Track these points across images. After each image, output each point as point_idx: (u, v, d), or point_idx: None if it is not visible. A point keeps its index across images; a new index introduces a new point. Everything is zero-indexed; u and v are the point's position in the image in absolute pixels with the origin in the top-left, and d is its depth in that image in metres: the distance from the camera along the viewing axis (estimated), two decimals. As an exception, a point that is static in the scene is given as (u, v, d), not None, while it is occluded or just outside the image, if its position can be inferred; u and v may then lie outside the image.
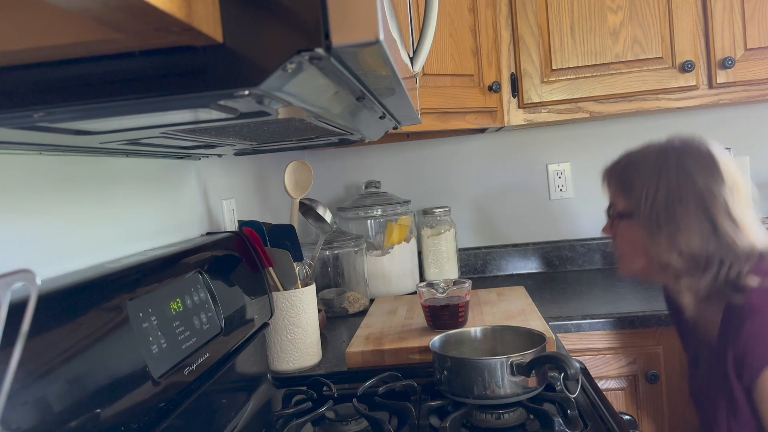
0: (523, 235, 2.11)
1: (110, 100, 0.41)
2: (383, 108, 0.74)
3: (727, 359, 1.01)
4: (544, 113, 1.76)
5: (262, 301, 1.14)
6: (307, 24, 0.39)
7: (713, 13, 1.67)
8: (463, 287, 1.37)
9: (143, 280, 0.80)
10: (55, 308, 0.62)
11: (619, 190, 1.14)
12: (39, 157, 0.78)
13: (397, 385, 1.08)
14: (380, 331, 1.39)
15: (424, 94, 1.56)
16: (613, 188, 1.16)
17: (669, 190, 1.06)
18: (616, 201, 1.15)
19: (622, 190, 1.13)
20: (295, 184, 1.35)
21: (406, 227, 1.89)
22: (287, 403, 1.09)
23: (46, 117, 0.43)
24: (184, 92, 0.41)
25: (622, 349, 1.47)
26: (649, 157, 1.11)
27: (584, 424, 0.92)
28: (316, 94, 0.53)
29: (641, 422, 1.48)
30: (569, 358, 0.93)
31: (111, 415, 0.64)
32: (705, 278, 1.04)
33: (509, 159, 2.11)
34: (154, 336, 0.76)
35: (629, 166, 1.13)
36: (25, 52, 0.36)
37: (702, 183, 1.04)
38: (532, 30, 1.74)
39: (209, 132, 0.68)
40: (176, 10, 0.33)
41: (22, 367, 0.54)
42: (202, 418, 0.89)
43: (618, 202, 1.14)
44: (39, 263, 0.76)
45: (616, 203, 1.15)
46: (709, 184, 1.04)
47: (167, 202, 1.12)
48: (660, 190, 1.06)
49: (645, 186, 1.08)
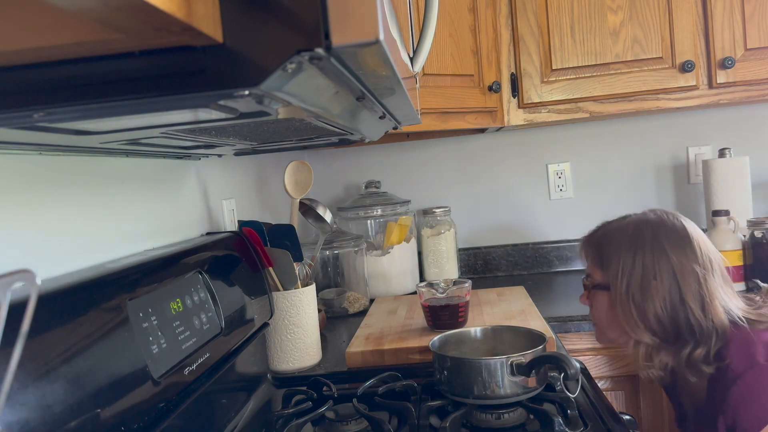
0: (523, 235, 2.11)
1: (110, 100, 0.41)
2: (383, 108, 0.74)
3: (718, 426, 1.02)
4: (544, 113, 1.76)
5: (262, 301, 1.14)
6: (307, 24, 0.39)
7: (713, 13, 1.67)
8: (463, 287, 1.37)
9: (143, 280, 0.80)
10: (55, 308, 0.62)
11: (596, 263, 1.16)
12: (39, 157, 0.78)
13: (397, 385, 1.08)
14: (380, 331, 1.39)
15: (424, 94, 1.56)
16: (590, 260, 1.18)
17: (644, 266, 1.08)
18: (593, 272, 1.17)
19: (599, 264, 1.15)
20: (295, 184, 1.35)
21: (406, 227, 1.89)
22: (287, 403, 1.08)
23: (46, 117, 0.43)
24: (184, 92, 0.41)
25: (621, 349, 1.47)
26: (625, 231, 1.13)
27: (584, 424, 0.92)
28: (316, 94, 0.53)
29: (641, 422, 1.48)
30: (569, 358, 0.93)
31: (111, 415, 0.64)
32: (676, 354, 1.06)
33: (509, 159, 2.11)
34: (154, 336, 0.76)
35: (606, 241, 1.15)
36: (25, 52, 0.36)
37: (675, 260, 1.07)
38: (532, 30, 1.74)
39: (209, 132, 0.68)
40: (176, 10, 0.33)
41: (22, 367, 0.54)
42: (202, 418, 0.89)
43: (595, 273, 1.16)
44: (39, 263, 0.76)
45: (593, 274, 1.17)
46: (682, 262, 1.07)
47: (167, 202, 1.12)
48: (636, 266, 1.08)
49: (621, 262, 1.10)
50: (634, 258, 1.09)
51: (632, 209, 1.99)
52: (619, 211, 2.05)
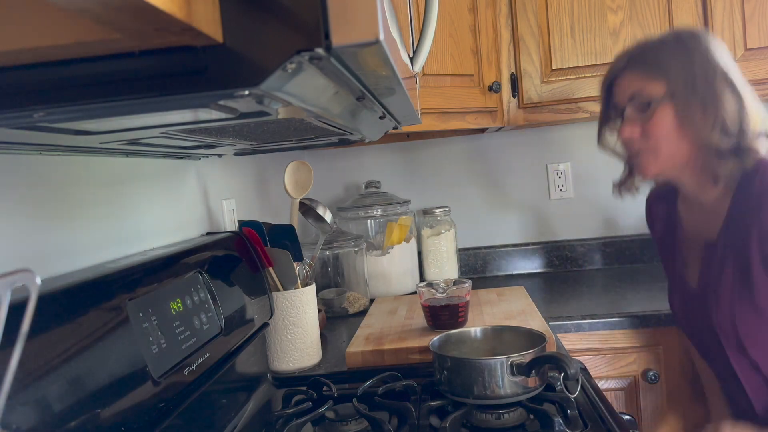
0: (523, 235, 2.11)
1: (110, 100, 0.41)
2: (383, 108, 0.74)
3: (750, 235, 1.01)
4: (544, 113, 1.76)
5: (262, 301, 1.14)
6: (307, 24, 0.39)
7: (713, 13, 1.67)
8: (463, 287, 1.37)
9: (143, 280, 0.80)
10: (55, 308, 0.62)
11: (649, 75, 1.07)
12: (39, 157, 0.78)
13: (397, 385, 1.08)
14: (380, 331, 1.39)
15: (424, 94, 1.56)
16: (640, 76, 1.08)
17: (702, 67, 1.04)
18: (646, 88, 1.07)
19: (655, 74, 1.07)
20: (295, 184, 1.35)
21: (406, 227, 1.89)
22: (287, 403, 1.08)
23: (46, 117, 0.43)
24: (184, 92, 0.41)
25: (621, 349, 1.47)
26: (669, 40, 1.08)
27: (584, 424, 0.92)
28: (316, 94, 0.53)
29: (641, 422, 1.48)
30: (569, 358, 0.93)
31: (111, 415, 0.64)
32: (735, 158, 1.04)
33: (509, 159, 2.11)
34: (154, 336, 0.76)
35: (651, 52, 1.08)
36: (25, 52, 0.36)
37: (721, 61, 1.05)
38: (532, 30, 1.74)
39: (209, 132, 0.68)
40: (176, 10, 0.33)
41: (22, 367, 0.54)
42: (202, 418, 0.89)
43: (650, 88, 1.07)
44: (39, 263, 0.76)
45: (643, 91, 1.08)
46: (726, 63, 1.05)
47: (167, 202, 1.12)
48: (695, 67, 1.04)
49: (681, 64, 1.05)
50: (692, 57, 1.04)
51: (632, 209, 2.00)
52: (619, 210, 2.06)
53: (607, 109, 1.17)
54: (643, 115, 1.08)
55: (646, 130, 1.08)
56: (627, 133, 1.10)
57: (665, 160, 1.09)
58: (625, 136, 1.11)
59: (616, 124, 1.14)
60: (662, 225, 1.29)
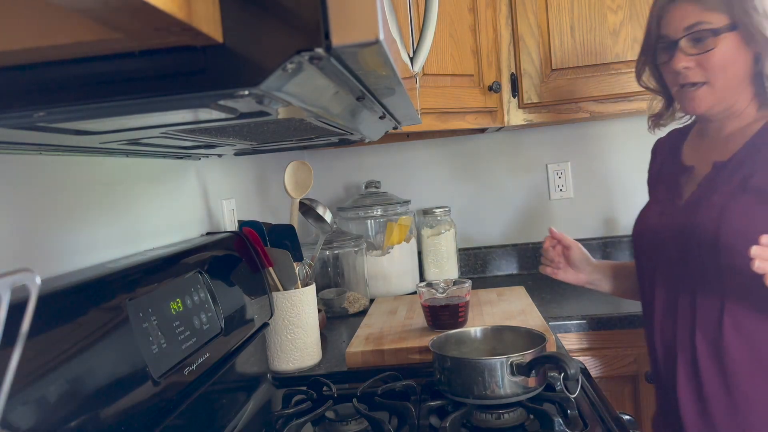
0: (523, 235, 2.11)
1: (110, 100, 0.41)
2: (383, 108, 0.74)
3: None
4: (544, 113, 1.76)
5: (262, 301, 1.14)
6: (307, 24, 0.39)
7: (713, 13, 1.66)
8: (463, 287, 1.37)
9: (143, 280, 0.80)
10: (55, 308, 0.63)
11: (708, 6, 1.05)
12: (39, 157, 0.78)
13: (397, 385, 1.08)
14: (380, 331, 1.39)
15: (424, 94, 1.56)
16: (698, 7, 1.06)
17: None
18: (702, 19, 1.05)
19: (715, 4, 1.04)
20: (295, 184, 1.35)
21: (406, 227, 1.89)
22: (287, 403, 1.08)
23: (46, 117, 0.43)
24: (184, 92, 0.41)
25: (621, 349, 1.47)
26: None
27: (584, 424, 0.92)
28: (316, 94, 0.53)
29: (641, 422, 1.48)
30: (569, 358, 0.93)
31: (111, 415, 0.64)
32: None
33: (509, 159, 2.11)
34: (154, 336, 0.76)
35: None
36: (25, 52, 0.36)
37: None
38: (532, 30, 1.74)
39: (209, 132, 0.68)
40: (176, 10, 0.33)
41: (22, 367, 0.54)
42: (202, 418, 0.89)
43: (709, 18, 1.05)
44: (39, 263, 0.76)
45: (703, 22, 1.05)
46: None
47: (167, 202, 1.12)
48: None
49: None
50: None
51: (632, 208, 1.99)
52: (619, 210, 2.06)
53: (654, 42, 1.14)
54: (700, 45, 1.06)
55: (703, 61, 1.06)
56: (683, 64, 1.07)
57: (720, 93, 1.07)
58: (679, 66, 1.08)
59: (664, 56, 1.12)
60: (663, 158, 1.27)
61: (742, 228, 1.00)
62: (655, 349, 1.17)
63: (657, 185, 1.26)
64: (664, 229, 1.15)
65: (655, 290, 1.17)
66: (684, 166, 1.18)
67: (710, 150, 1.14)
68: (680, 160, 1.20)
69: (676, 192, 1.17)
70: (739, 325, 1.03)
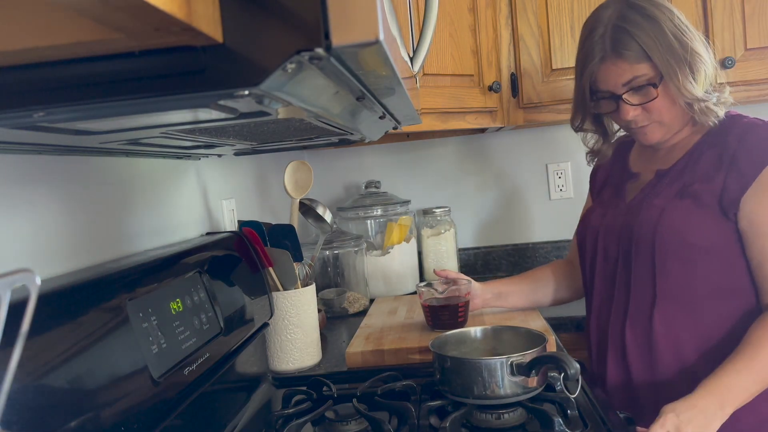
0: (523, 235, 2.11)
1: (110, 100, 0.41)
2: (383, 108, 0.74)
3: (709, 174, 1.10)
4: (544, 113, 1.76)
5: (261, 301, 1.14)
6: (307, 24, 0.39)
7: (713, 13, 1.67)
8: (463, 287, 1.37)
9: (143, 280, 0.80)
10: (55, 308, 0.62)
11: (635, 61, 1.09)
12: (39, 157, 0.78)
13: (397, 385, 1.08)
14: (380, 331, 1.39)
15: (424, 94, 1.56)
16: (626, 63, 1.10)
17: (673, 32, 1.09)
18: (636, 74, 1.10)
19: (640, 58, 1.09)
20: (295, 184, 1.35)
21: (406, 227, 1.89)
22: (287, 403, 1.08)
23: (46, 117, 0.43)
24: (184, 92, 0.41)
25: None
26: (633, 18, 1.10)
27: (584, 424, 0.92)
28: (316, 94, 0.53)
29: (641, 422, 1.48)
30: (569, 358, 0.93)
31: (111, 415, 0.64)
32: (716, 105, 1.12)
33: (509, 159, 2.11)
34: (154, 336, 0.76)
35: (627, 36, 1.09)
36: (25, 52, 0.36)
37: (680, 17, 1.11)
38: (532, 30, 1.74)
39: (209, 132, 0.68)
40: (176, 10, 0.33)
41: (22, 367, 0.54)
42: (202, 418, 0.89)
43: (640, 71, 1.10)
44: (39, 263, 0.76)
45: (637, 76, 1.10)
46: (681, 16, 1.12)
47: (167, 202, 1.12)
48: (668, 36, 1.08)
49: (658, 40, 1.08)
50: (662, 28, 1.08)
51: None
52: (619, 211, 2.05)
53: (590, 96, 1.20)
54: (641, 94, 1.12)
55: (649, 107, 1.13)
56: (631, 114, 1.14)
57: (668, 125, 1.15)
58: (629, 117, 1.14)
59: (608, 107, 1.18)
60: (612, 165, 1.34)
61: (678, 229, 1.10)
62: (590, 339, 1.26)
63: (603, 189, 1.34)
64: (606, 228, 1.23)
65: (594, 284, 1.25)
66: (630, 173, 1.26)
67: (654, 159, 1.23)
68: (628, 167, 1.29)
69: (620, 195, 1.25)
70: (667, 322, 1.12)
